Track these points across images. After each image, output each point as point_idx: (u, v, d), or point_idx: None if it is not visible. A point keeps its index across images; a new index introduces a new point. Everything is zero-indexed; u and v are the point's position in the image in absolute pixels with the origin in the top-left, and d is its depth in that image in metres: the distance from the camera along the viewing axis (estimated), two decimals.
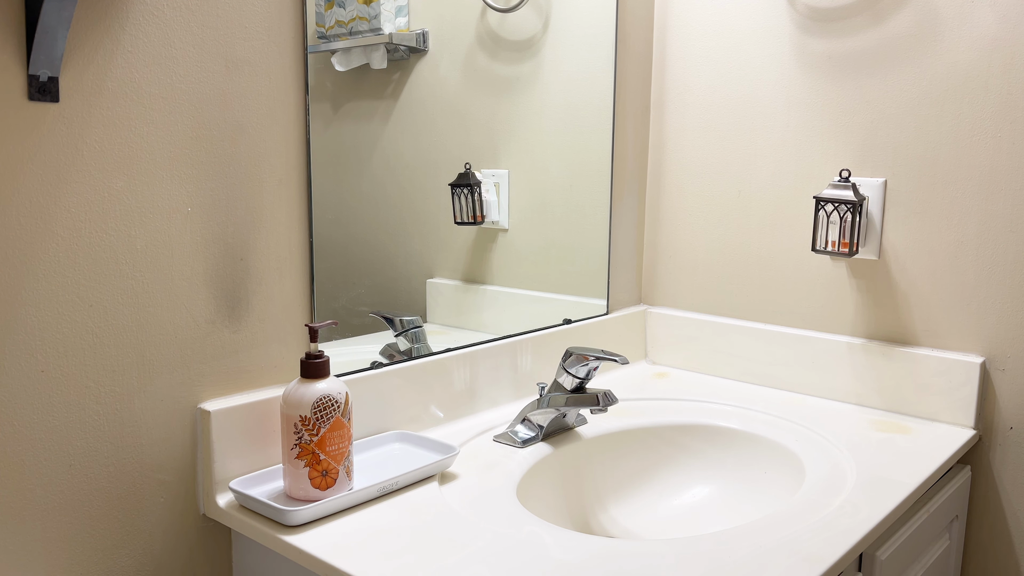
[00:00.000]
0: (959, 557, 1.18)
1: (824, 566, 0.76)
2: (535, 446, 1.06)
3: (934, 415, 1.18)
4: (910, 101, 1.18)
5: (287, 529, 0.82)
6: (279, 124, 0.91)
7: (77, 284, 0.78)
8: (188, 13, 0.82)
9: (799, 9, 1.28)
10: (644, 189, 1.50)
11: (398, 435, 1.03)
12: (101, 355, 0.80)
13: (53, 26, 0.70)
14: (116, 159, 0.79)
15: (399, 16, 1.07)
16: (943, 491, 1.09)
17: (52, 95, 0.73)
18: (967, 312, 1.16)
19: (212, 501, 0.87)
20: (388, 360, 1.08)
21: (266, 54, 0.89)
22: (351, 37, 1.02)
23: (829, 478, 0.97)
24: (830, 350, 1.27)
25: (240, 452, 0.89)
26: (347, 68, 1.02)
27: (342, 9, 1.01)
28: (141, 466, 0.84)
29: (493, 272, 1.25)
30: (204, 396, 0.89)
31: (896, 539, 0.96)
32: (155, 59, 0.80)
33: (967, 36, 1.12)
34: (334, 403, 0.85)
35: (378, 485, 0.88)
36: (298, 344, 0.96)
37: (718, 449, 1.15)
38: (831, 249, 1.24)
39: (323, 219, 0.97)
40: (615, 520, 1.08)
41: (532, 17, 1.25)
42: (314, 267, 0.96)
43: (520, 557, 0.77)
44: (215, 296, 0.88)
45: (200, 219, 0.86)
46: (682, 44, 1.42)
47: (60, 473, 0.79)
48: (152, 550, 0.86)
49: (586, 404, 1.04)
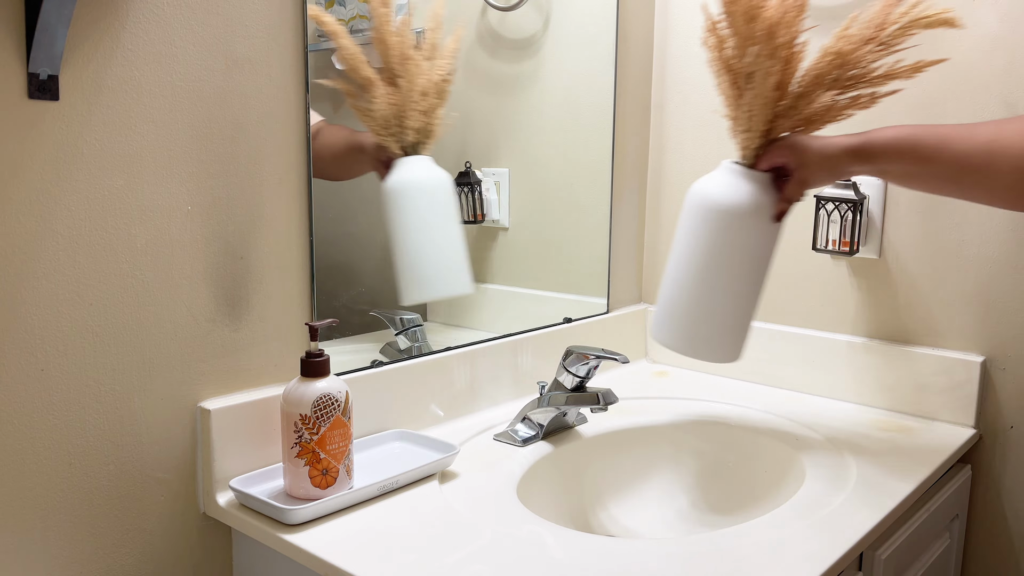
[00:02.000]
0: (959, 556, 1.18)
1: (824, 565, 0.76)
2: (535, 445, 1.06)
3: (934, 414, 1.18)
4: (910, 100, 1.18)
5: (287, 528, 0.82)
6: (280, 123, 0.91)
7: (77, 283, 0.78)
8: (188, 11, 0.82)
9: None
10: (644, 188, 1.50)
11: (398, 434, 1.03)
12: (101, 354, 0.80)
13: (53, 24, 0.70)
14: (116, 157, 0.79)
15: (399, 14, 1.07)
16: (943, 490, 1.09)
17: (52, 93, 0.73)
18: (968, 311, 1.16)
19: (212, 500, 0.87)
20: (388, 359, 1.08)
21: (267, 52, 0.89)
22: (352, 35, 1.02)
23: (829, 477, 0.97)
24: (830, 349, 1.27)
25: (240, 451, 0.89)
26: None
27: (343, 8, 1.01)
28: (141, 464, 0.84)
29: (493, 271, 1.25)
30: (204, 394, 0.89)
31: (896, 538, 0.96)
32: (155, 57, 0.80)
33: (968, 36, 1.12)
34: (334, 402, 0.85)
35: (378, 484, 0.88)
36: (298, 343, 0.96)
37: (718, 448, 1.15)
38: (832, 248, 1.24)
39: (323, 217, 0.97)
40: (615, 519, 1.08)
41: (533, 16, 1.25)
42: (314, 266, 0.96)
43: (520, 556, 0.77)
44: (215, 294, 0.88)
45: (200, 217, 0.86)
46: (682, 43, 1.42)
47: (60, 471, 0.78)
48: (152, 548, 0.86)
49: (586, 403, 1.04)
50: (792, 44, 0.99)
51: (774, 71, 0.97)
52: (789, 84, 1.00)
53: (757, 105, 1.00)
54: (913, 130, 0.91)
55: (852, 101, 1.00)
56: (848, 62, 0.98)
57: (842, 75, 0.99)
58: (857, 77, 1.00)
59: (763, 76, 0.98)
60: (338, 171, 1.06)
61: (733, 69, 1.03)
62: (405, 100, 1.09)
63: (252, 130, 0.89)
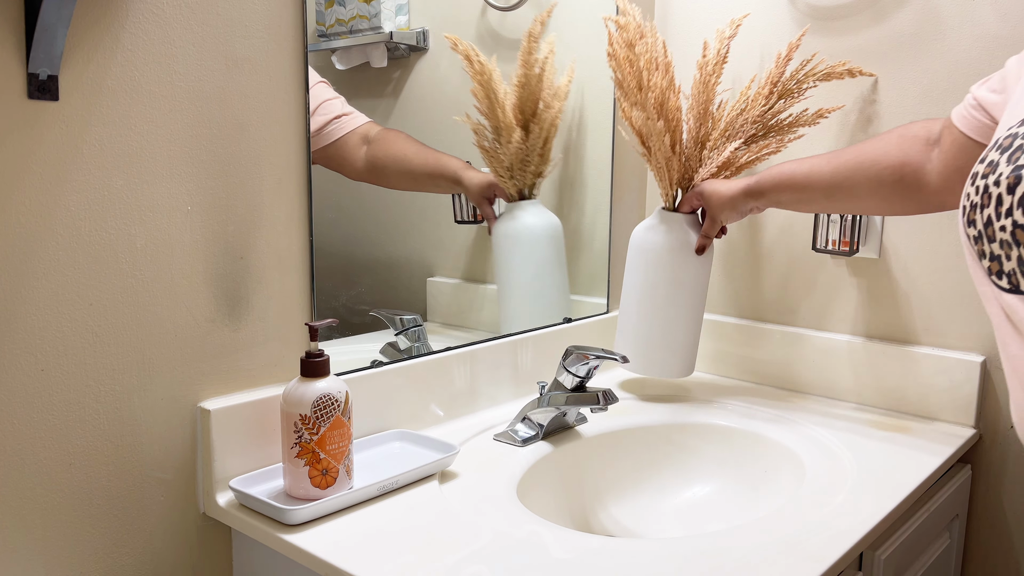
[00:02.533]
0: (959, 556, 1.18)
1: (824, 565, 0.76)
2: (535, 445, 1.06)
3: (934, 414, 1.18)
4: (911, 100, 1.18)
5: (287, 528, 0.82)
6: (279, 123, 0.91)
7: (77, 283, 0.78)
8: (188, 11, 0.82)
9: (800, 8, 1.28)
10: (645, 187, 1.50)
11: (398, 434, 1.03)
12: (101, 354, 0.80)
13: (53, 24, 0.70)
14: (116, 157, 0.79)
15: (399, 14, 1.07)
16: (943, 490, 1.09)
17: (52, 93, 0.73)
18: (968, 311, 1.16)
19: (212, 500, 0.87)
20: (388, 359, 1.08)
21: (266, 52, 0.89)
22: (351, 35, 1.02)
23: (829, 477, 0.97)
24: (830, 349, 1.27)
25: (240, 451, 0.89)
26: (347, 66, 1.02)
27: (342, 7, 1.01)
28: (141, 465, 0.84)
29: (493, 271, 1.25)
30: (204, 395, 0.89)
31: (896, 538, 0.96)
32: (155, 57, 0.80)
33: (968, 34, 1.12)
34: (334, 402, 0.85)
35: (378, 484, 0.88)
36: (298, 343, 0.96)
37: (718, 448, 1.15)
38: (831, 248, 1.24)
39: (323, 218, 0.97)
40: (615, 519, 1.08)
41: (532, 16, 1.25)
42: (314, 266, 0.96)
43: (520, 556, 0.77)
44: (215, 295, 0.88)
45: (200, 218, 0.86)
46: (683, 43, 1.42)
47: (60, 471, 0.78)
48: (152, 548, 0.86)
49: (586, 403, 1.04)
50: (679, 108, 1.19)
51: (664, 133, 1.16)
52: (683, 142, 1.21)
53: (662, 160, 1.19)
54: (790, 165, 1.09)
55: (760, 148, 1.19)
56: (750, 119, 1.17)
57: (747, 129, 1.18)
58: (767, 128, 1.20)
59: (658, 137, 1.16)
60: (398, 182, 1.08)
61: (639, 132, 1.21)
62: (533, 146, 1.16)
63: (252, 130, 0.89)
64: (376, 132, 1.02)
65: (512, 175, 1.19)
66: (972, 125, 0.86)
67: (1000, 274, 0.68)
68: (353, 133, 1.00)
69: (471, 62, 1.12)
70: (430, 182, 1.12)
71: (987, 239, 0.68)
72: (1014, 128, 0.70)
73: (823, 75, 1.18)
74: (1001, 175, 0.67)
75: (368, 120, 1.02)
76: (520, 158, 1.18)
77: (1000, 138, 0.70)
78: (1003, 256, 0.67)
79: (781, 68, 1.18)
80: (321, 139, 0.97)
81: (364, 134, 1.00)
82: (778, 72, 1.18)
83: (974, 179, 0.70)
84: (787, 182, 1.08)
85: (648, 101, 1.16)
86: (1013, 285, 0.67)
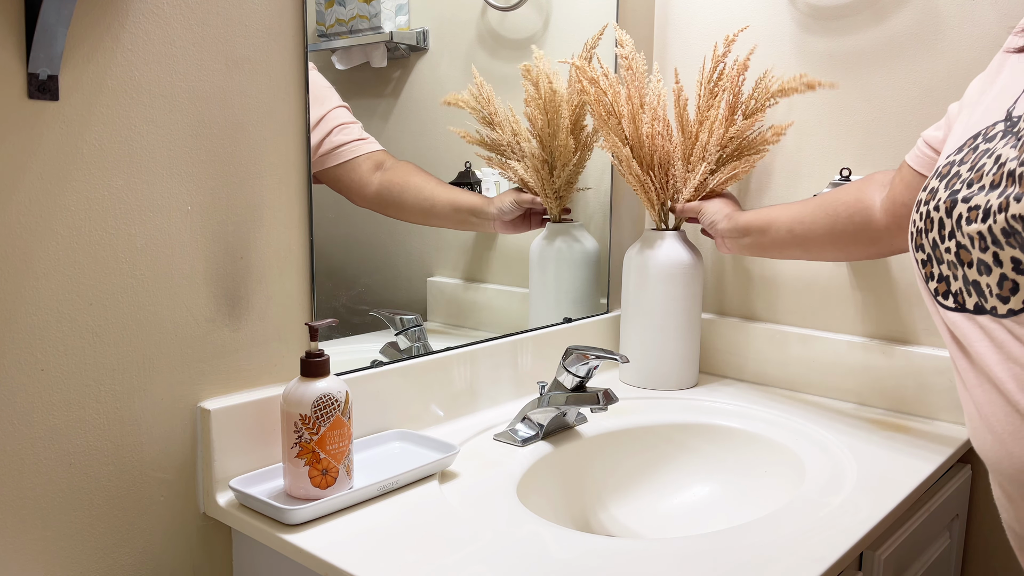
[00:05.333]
0: (960, 556, 1.18)
1: (824, 565, 0.76)
2: (535, 445, 1.06)
3: (934, 414, 1.18)
4: (911, 100, 1.18)
5: (287, 528, 0.82)
6: (279, 122, 0.91)
7: (77, 282, 0.78)
8: (188, 11, 0.82)
9: (800, 8, 1.28)
10: None
11: (398, 434, 1.03)
12: (101, 354, 0.80)
13: (52, 24, 0.70)
14: (116, 157, 0.79)
15: (399, 14, 1.07)
16: (943, 490, 1.09)
17: (52, 93, 0.73)
18: None
19: (212, 499, 0.87)
20: (388, 359, 1.08)
21: (266, 52, 0.89)
22: (351, 35, 1.02)
23: (829, 477, 0.97)
24: (830, 349, 1.27)
25: (240, 451, 0.89)
26: (347, 66, 1.02)
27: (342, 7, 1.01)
28: (141, 464, 0.84)
29: (493, 271, 1.25)
30: (204, 394, 0.89)
31: (896, 538, 0.96)
32: (155, 57, 0.80)
33: (968, 35, 1.12)
34: (334, 402, 0.85)
35: (378, 484, 0.88)
36: (298, 343, 0.96)
37: (718, 448, 1.15)
38: None
39: (323, 217, 0.97)
40: (615, 519, 1.08)
41: (533, 16, 1.25)
42: (314, 266, 0.96)
43: (520, 556, 0.77)
44: (215, 294, 0.88)
45: (200, 217, 0.86)
46: (683, 43, 1.42)
47: (60, 471, 0.78)
48: (152, 548, 0.86)
49: (586, 403, 1.04)
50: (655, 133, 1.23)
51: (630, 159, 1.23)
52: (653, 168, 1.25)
53: (636, 183, 1.25)
54: (756, 213, 1.16)
55: (732, 168, 1.23)
56: (713, 142, 1.21)
57: (711, 152, 1.22)
58: (739, 148, 1.24)
59: (626, 162, 1.23)
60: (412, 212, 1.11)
61: (618, 157, 1.25)
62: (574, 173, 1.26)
63: (252, 130, 0.89)
64: (391, 162, 1.02)
65: (559, 196, 1.25)
66: (919, 161, 0.92)
67: (947, 294, 0.73)
68: (367, 157, 1.00)
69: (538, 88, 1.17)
70: (453, 215, 1.13)
71: (936, 261, 0.73)
72: (951, 156, 0.75)
73: (778, 92, 1.20)
74: (940, 200, 0.71)
75: (382, 148, 1.02)
76: (568, 180, 1.25)
77: (940, 167, 0.75)
78: (951, 276, 0.72)
79: (737, 88, 1.21)
80: (332, 158, 0.97)
81: (379, 161, 1.00)
82: (733, 94, 1.21)
83: (918, 206, 0.75)
84: (757, 227, 1.15)
85: (619, 129, 1.23)
86: (959, 304, 0.72)
